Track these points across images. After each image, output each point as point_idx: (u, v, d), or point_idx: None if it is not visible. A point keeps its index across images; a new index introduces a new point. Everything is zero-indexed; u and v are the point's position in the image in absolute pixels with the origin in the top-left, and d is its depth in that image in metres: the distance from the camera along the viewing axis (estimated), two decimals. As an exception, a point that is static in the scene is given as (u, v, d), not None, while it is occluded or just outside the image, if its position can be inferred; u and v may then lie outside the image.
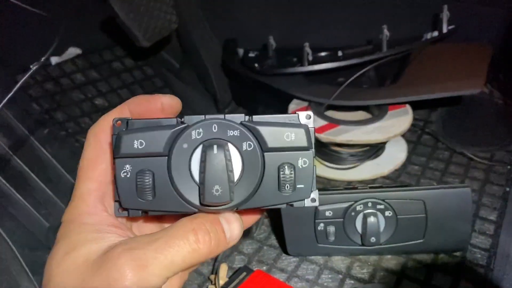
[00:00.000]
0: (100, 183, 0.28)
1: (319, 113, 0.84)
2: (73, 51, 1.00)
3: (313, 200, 0.28)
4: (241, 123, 0.27)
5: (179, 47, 1.11)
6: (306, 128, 0.27)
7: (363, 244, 0.62)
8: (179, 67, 1.13)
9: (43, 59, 0.50)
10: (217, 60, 1.09)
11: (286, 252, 0.67)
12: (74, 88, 0.96)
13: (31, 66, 0.51)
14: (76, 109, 0.93)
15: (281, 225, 0.63)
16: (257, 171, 0.27)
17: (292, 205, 0.28)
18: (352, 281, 0.63)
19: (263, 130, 0.27)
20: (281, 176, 0.27)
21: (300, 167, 0.27)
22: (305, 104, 0.87)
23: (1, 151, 0.72)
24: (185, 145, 0.27)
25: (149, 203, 0.27)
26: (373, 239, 0.61)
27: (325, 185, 0.82)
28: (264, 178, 0.27)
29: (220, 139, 0.27)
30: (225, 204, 0.27)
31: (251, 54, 1.00)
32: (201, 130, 0.26)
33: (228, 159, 0.26)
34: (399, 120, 0.80)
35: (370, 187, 0.65)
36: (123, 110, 0.30)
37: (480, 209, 0.72)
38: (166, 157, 0.27)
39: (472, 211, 0.69)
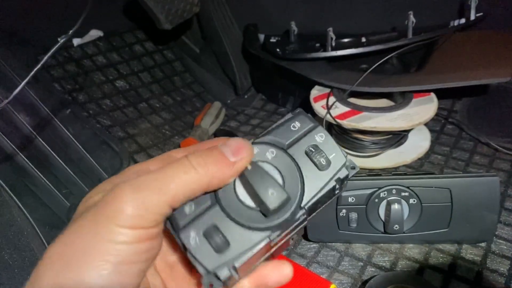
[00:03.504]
0: None
1: (341, 100, 0.82)
2: (94, 33, 1.00)
3: (353, 167, 0.30)
4: (253, 143, 0.29)
5: (199, 32, 1.11)
6: (301, 112, 0.31)
7: (385, 232, 0.61)
8: (199, 52, 1.13)
9: (70, 32, 0.50)
10: (238, 45, 1.08)
11: (306, 238, 0.66)
12: (96, 70, 0.96)
13: (59, 39, 0.50)
14: (97, 90, 0.93)
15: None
16: (292, 166, 0.29)
17: (340, 180, 0.29)
18: (373, 269, 0.62)
19: (273, 135, 0.30)
20: (312, 156, 0.29)
21: (321, 141, 0.30)
22: (327, 90, 0.86)
23: (24, 130, 0.73)
24: None
25: (228, 253, 0.27)
26: (396, 227, 0.60)
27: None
28: (302, 168, 0.29)
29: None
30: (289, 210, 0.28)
31: (273, 40, 0.99)
32: None
33: (265, 170, 0.28)
34: (424, 108, 0.79)
35: (394, 174, 0.63)
36: None
37: (506, 200, 0.71)
38: (217, 204, 0.27)
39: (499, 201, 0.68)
